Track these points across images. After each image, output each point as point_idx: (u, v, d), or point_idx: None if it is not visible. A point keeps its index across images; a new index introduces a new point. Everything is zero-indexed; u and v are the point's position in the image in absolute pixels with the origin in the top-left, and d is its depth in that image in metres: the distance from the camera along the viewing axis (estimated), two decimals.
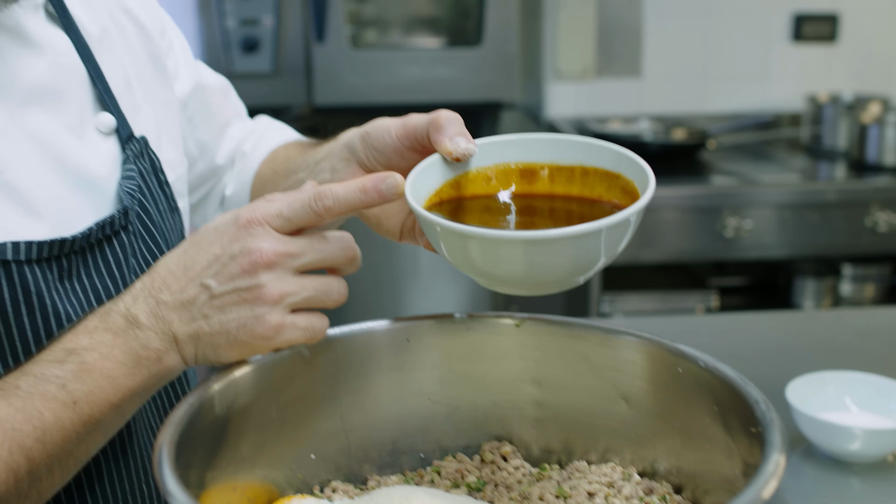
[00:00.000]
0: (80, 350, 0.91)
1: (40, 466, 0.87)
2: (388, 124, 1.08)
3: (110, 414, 0.92)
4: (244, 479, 0.97)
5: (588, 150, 1.01)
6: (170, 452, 0.81)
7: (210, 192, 1.50)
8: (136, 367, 0.92)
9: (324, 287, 0.95)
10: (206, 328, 0.93)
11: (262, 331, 0.92)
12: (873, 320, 2.24)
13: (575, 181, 1.02)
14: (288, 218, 0.93)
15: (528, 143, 1.04)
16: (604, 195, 1.00)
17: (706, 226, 3.35)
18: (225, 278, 0.92)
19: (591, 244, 0.88)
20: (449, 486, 1.05)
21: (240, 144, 1.49)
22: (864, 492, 1.46)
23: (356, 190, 0.94)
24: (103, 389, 0.91)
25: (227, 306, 0.92)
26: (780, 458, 0.78)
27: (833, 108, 3.82)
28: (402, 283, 3.47)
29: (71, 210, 1.04)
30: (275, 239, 0.92)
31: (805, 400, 1.56)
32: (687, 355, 0.97)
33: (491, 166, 1.03)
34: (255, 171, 1.45)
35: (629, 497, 1.00)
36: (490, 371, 1.09)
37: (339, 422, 1.06)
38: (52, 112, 1.05)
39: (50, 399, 0.88)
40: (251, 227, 0.92)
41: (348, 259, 0.97)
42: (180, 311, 0.93)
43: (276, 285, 0.91)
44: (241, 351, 0.94)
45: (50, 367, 0.90)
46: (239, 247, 0.92)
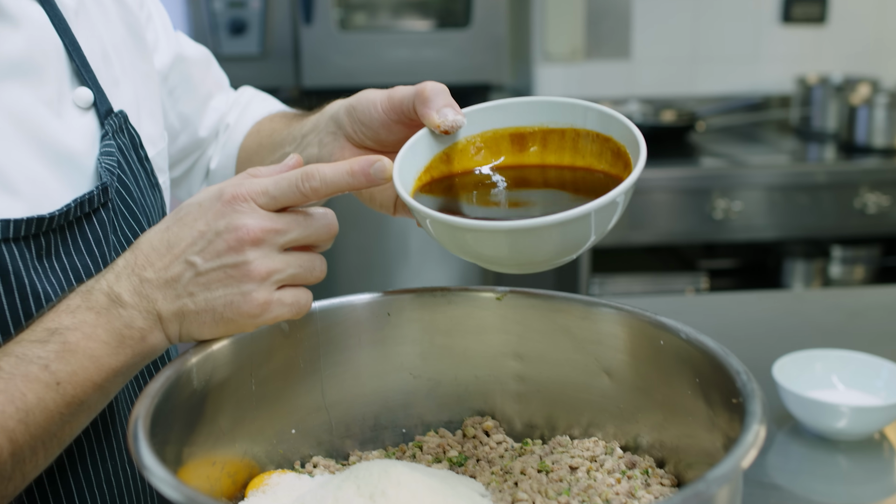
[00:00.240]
0: (62, 330, 0.89)
1: (23, 448, 0.86)
2: (374, 98, 1.06)
3: (94, 394, 0.91)
4: (223, 454, 0.96)
5: (578, 111, 1.00)
6: (145, 426, 0.80)
7: (194, 165, 1.48)
8: (119, 346, 0.91)
9: (307, 264, 0.94)
10: (192, 306, 0.92)
11: (249, 308, 0.91)
12: (862, 300, 2.24)
13: (566, 146, 1.01)
14: (274, 196, 0.92)
15: (517, 108, 1.02)
16: (594, 164, 0.99)
17: (695, 208, 3.35)
18: (211, 255, 0.91)
19: (580, 227, 0.87)
20: (431, 461, 1.04)
21: (223, 116, 1.47)
22: (850, 469, 1.46)
23: (344, 173, 0.93)
24: (87, 369, 0.89)
25: (212, 284, 0.91)
26: (760, 428, 0.77)
27: (822, 90, 3.82)
28: (392, 265, 3.46)
29: (48, 187, 1.02)
30: (260, 216, 0.91)
31: (792, 378, 1.56)
32: (668, 327, 0.97)
33: (480, 134, 1.02)
34: (240, 144, 1.44)
35: (611, 471, 0.99)
36: (472, 345, 1.08)
37: (320, 396, 1.06)
38: (29, 87, 1.03)
39: (32, 380, 0.86)
40: (236, 203, 0.91)
41: (330, 236, 0.96)
42: (164, 288, 0.92)
43: (263, 262, 0.90)
44: (227, 328, 0.93)
45: (32, 347, 0.88)
46: (225, 223, 0.90)
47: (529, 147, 1.02)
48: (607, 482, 0.96)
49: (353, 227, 3.39)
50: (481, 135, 1.02)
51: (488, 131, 1.02)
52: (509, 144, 1.03)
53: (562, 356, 1.06)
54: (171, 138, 1.40)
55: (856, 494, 1.40)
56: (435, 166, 1.00)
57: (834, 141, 3.75)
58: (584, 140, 0.99)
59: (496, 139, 1.02)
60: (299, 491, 0.95)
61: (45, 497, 1.02)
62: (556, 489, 0.94)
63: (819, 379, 1.60)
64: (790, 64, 4.08)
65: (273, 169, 0.95)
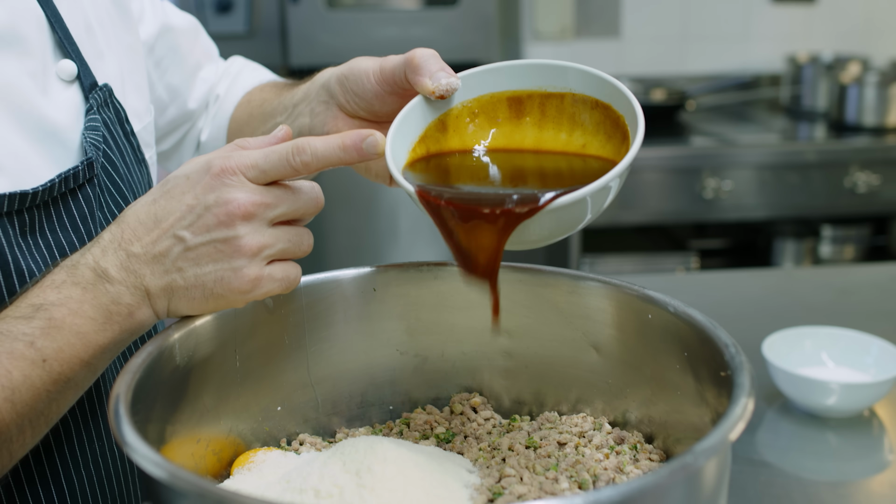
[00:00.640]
0: (48, 306, 0.87)
1: (10, 427, 0.85)
2: (367, 68, 1.05)
3: (81, 371, 0.89)
4: (208, 432, 0.96)
5: (578, 76, 0.97)
6: (126, 402, 0.79)
7: (184, 137, 1.46)
8: (106, 322, 0.89)
9: (296, 238, 0.93)
10: (181, 282, 0.90)
11: (240, 284, 0.90)
12: (852, 278, 2.24)
13: (564, 114, 0.99)
14: (264, 170, 0.90)
15: (514, 70, 1.00)
16: (592, 138, 0.96)
17: (686, 187, 3.34)
18: (200, 230, 0.89)
19: (574, 210, 0.86)
20: (418, 438, 1.03)
21: (213, 87, 1.45)
22: (840, 446, 1.46)
23: (336, 147, 0.91)
24: (73, 346, 0.88)
25: (202, 259, 0.89)
26: (748, 401, 0.77)
27: (812, 69, 3.81)
28: (381, 246, 3.45)
29: (31, 162, 1.00)
30: (250, 189, 0.89)
31: (782, 355, 1.55)
32: (656, 301, 0.96)
33: (476, 98, 1.00)
34: (231, 115, 1.42)
35: (600, 447, 0.99)
36: (459, 321, 1.07)
37: (306, 373, 1.05)
38: (12, 59, 1.01)
39: (18, 357, 0.85)
40: (226, 176, 0.89)
41: (317, 209, 0.94)
42: (152, 264, 0.90)
43: (254, 237, 0.89)
44: (217, 304, 0.92)
45: (17, 323, 0.86)
46: (214, 197, 0.89)
47: (527, 113, 1.00)
48: (595, 458, 0.96)
49: (341, 207, 3.38)
50: (477, 99, 1.00)
51: (485, 95, 1.00)
52: (507, 109, 1.01)
53: (549, 331, 1.05)
54: (160, 111, 1.38)
55: (845, 471, 1.40)
56: (430, 135, 0.99)
57: (824, 120, 3.75)
58: (582, 107, 0.97)
59: (493, 103, 1.00)
60: (285, 468, 0.95)
61: (32, 478, 1.01)
62: (544, 465, 0.94)
63: (809, 356, 1.59)
64: (780, 43, 4.07)
65: (261, 141, 0.94)
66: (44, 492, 1.01)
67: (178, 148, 1.47)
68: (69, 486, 1.03)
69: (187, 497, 0.70)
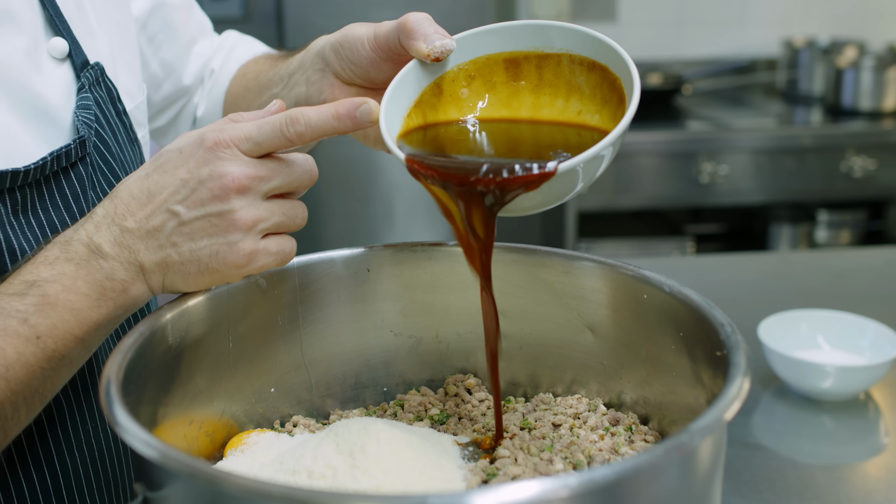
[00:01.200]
0: (41, 282, 0.87)
1: (4, 404, 0.84)
2: (361, 35, 1.03)
3: (75, 348, 0.88)
4: (201, 413, 0.95)
5: (574, 37, 0.96)
6: (118, 383, 0.78)
7: (180, 113, 1.45)
8: (100, 298, 0.89)
9: (290, 211, 0.92)
10: (176, 257, 0.89)
11: (236, 259, 0.89)
12: (847, 262, 2.24)
13: (562, 76, 0.97)
14: (258, 142, 0.89)
15: (510, 31, 0.98)
16: (589, 103, 0.95)
17: (682, 171, 3.33)
18: (194, 204, 0.88)
19: (567, 180, 0.85)
20: (412, 420, 1.03)
21: (207, 62, 1.44)
22: (835, 430, 1.46)
23: (329, 116, 0.90)
24: (67, 323, 0.87)
25: (197, 233, 0.88)
26: (743, 380, 0.76)
27: (809, 53, 3.80)
28: (377, 230, 3.44)
29: (22, 140, 0.99)
30: (244, 163, 0.88)
31: (777, 338, 1.55)
32: (651, 281, 0.95)
33: (472, 60, 0.99)
34: (226, 89, 1.41)
35: (595, 428, 0.98)
36: (453, 302, 1.07)
37: (300, 354, 1.04)
38: (3, 36, 1.00)
39: (11, 334, 0.84)
40: (219, 149, 0.88)
41: (311, 182, 0.93)
42: (147, 239, 0.89)
43: (249, 211, 0.88)
44: (213, 279, 0.91)
45: (10, 300, 0.86)
46: (208, 171, 0.88)
47: (524, 76, 0.99)
48: (590, 439, 0.95)
49: (337, 192, 3.37)
50: (473, 61, 0.99)
51: (481, 57, 0.99)
52: (503, 71, 0.99)
53: (544, 312, 1.04)
54: (155, 87, 1.37)
55: (841, 454, 1.40)
56: (426, 100, 0.98)
57: (820, 104, 3.74)
58: (579, 69, 0.96)
59: (489, 65, 0.99)
60: (278, 450, 0.94)
61: (24, 459, 1.00)
62: (539, 446, 0.93)
63: (804, 339, 1.59)
64: (777, 27, 4.06)
65: (255, 114, 0.93)
66: (37, 473, 1.01)
67: (175, 123, 1.46)
68: (62, 467, 1.03)
69: (179, 477, 0.70)
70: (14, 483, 1.00)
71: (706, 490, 0.77)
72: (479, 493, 0.63)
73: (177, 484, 0.71)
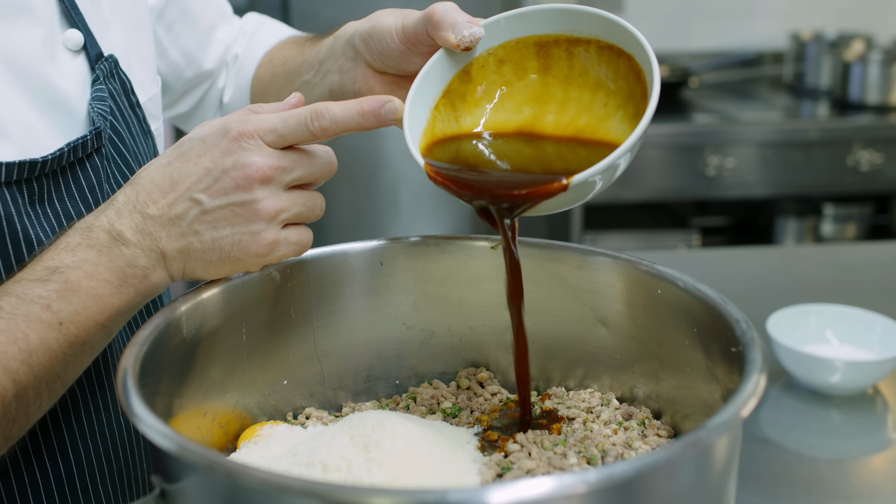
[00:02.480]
0: (63, 269, 0.87)
1: (28, 390, 0.85)
2: (390, 27, 1.03)
3: (97, 334, 0.89)
4: (215, 405, 0.95)
5: (603, 23, 0.94)
6: (134, 374, 0.79)
7: (204, 97, 1.44)
8: (122, 285, 0.89)
9: (310, 202, 0.93)
10: (198, 245, 0.90)
11: (258, 248, 0.90)
12: (855, 256, 2.24)
13: (591, 61, 0.95)
14: (282, 135, 0.90)
15: (539, 15, 0.97)
16: (612, 100, 0.94)
17: (688, 164, 3.33)
18: (217, 193, 0.89)
19: (582, 190, 0.86)
20: (424, 413, 1.03)
21: (229, 47, 1.43)
22: (843, 424, 1.46)
23: (354, 113, 0.91)
24: (89, 309, 0.87)
25: (219, 222, 0.89)
26: (760, 377, 0.76)
27: (816, 46, 3.79)
28: (383, 221, 3.44)
29: (39, 131, 1.00)
30: (268, 153, 0.89)
31: (786, 333, 1.55)
32: (666, 276, 0.95)
33: (501, 45, 0.98)
34: (253, 75, 1.40)
35: (608, 422, 0.98)
36: (466, 295, 1.07)
37: (312, 347, 1.04)
38: (19, 27, 1.00)
39: (35, 320, 0.85)
40: (243, 140, 0.89)
41: (331, 174, 0.94)
42: (168, 226, 0.90)
43: (271, 201, 0.89)
44: (233, 267, 0.92)
45: (33, 286, 0.86)
46: (232, 160, 0.89)
47: (554, 61, 0.97)
48: (604, 433, 0.95)
49: (342, 183, 3.37)
50: (503, 45, 0.98)
51: (511, 41, 0.98)
52: (534, 56, 0.98)
53: (557, 306, 1.04)
54: (177, 74, 1.37)
55: (849, 449, 1.40)
56: (454, 88, 0.98)
57: (827, 98, 3.73)
58: (608, 55, 0.94)
59: (519, 49, 0.98)
60: (292, 442, 0.94)
61: (39, 449, 1.01)
62: (553, 440, 0.93)
63: (813, 334, 1.59)
64: (784, 20, 4.05)
65: (275, 106, 0.94)
66: (50, 462, 1.01)
67: (199, 108, 1.45)
68: (76, 457, 1.03)
69: (196, 469, 0.70)
70: (28, 473, 1.00)
71: (721, 487, 0.77)
72: (498, 488, 0.63)
73: (194, 476, 0.71)
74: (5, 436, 0.85)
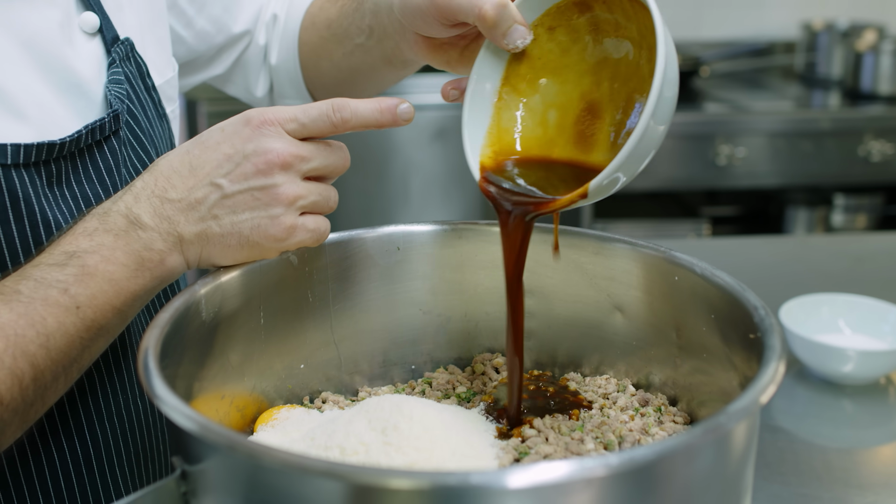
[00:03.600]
0: (80, 253, 0.88)
1: (45, 373, 0.85)
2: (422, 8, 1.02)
3: (113, 318, 0.90)
4: (232, 388, 0.96)
5: None
6: (156, 355, 0.79)
7: (242, 56, 1.42)
8: (139, 269, 0.90)
9: (325, 192, 0.94)
10: (217, 229, 0.91)
11: (276, 232, 0.91)
12: (867, 246, 2.23)
13: (627, 14, 0.93)
14: (304, 124, 0.92)
15: None
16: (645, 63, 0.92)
17: (699, 153, 3.32)
18: (238, 178, 0.90)
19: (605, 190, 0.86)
20: (440, 398, 1.03)
21: (262, 8, 1.41)
22: (855, 414, 1.46)
23: (374, 109, 0.93)
24: (106, 293, 0.88)
25: (239, 206, 0.91)
26: (779, 363, 0.76)
27: (828, 36, 3.78)
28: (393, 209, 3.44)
29: (56, 114, 1.00)
30: (288, 141, 0.91)
31: (798, 322, 1.55)
32: (683, 263, 0.96)
33: (544, 13, 0.96)
34: (298, 38, 1.39)
35: (624, 408, 0.99)
36: (482, 281, 1.07)
37: (329, 331, 1.04)
38: (38, 9, 1.00)
39: (52, 304, 0.85)
40: (264, 126, 0.91)
41: (345, 168, 0.96)
42: (188, 211, 0.91)
43: (290, 187, 0.91)
44: (251, 253, 0.93)
45: (50, 270, 0.87)
46: (253, 146, 0.90)
47: (597, 14, 0.95)
48: (620, 419, 0.95)
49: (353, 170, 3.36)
50: (546, 13, 0.96)
51: (551, 7, 0.96)
52: (577, 13, 0.95)
53: (574, 292, 1.05)
54: (207, 41, 1.36)
55: (861, 438, 1.40)
56: (512, 71, 0.97)
57: (839, 87, 3.72)
58: (641, 9, 0.90)
59: (560, 11, 0.96)
60: (309, 426, 0.95)
61: (56, 430, 1.01)
62: (570, 426, 0.94)
63: (826, 323, 1.59)
64: (795, 9, 4.04)
65: None
66: (68, 444, 1.02)
67: (239, 68, 1.44)
68: (93, 439, 1.04)
69: (218, 450, 0.70)
70: (46, 453, 1.01)
71: (739, 474, 0.77)
72: (520, 470, 0.63)
73: (216, 457, 0.71)
74: (22, 419, 0.86)
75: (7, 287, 0.86)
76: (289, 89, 1.41)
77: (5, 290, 0.86)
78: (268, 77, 1.43)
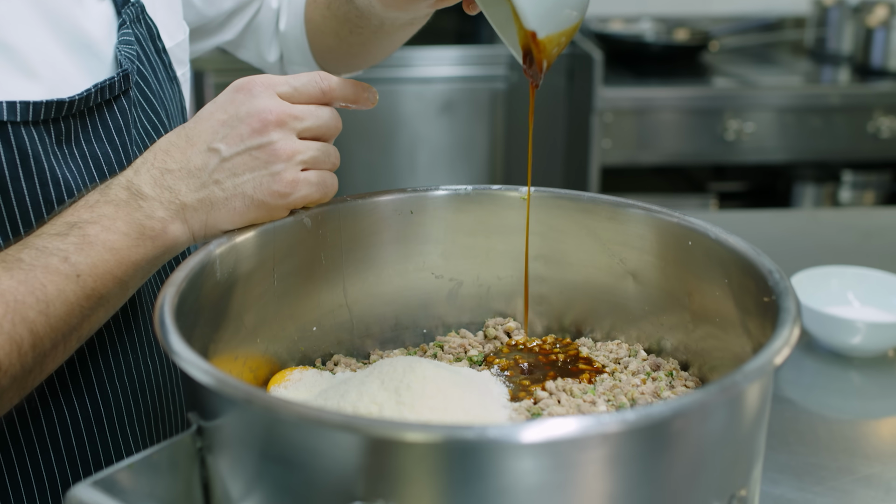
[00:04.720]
0: (81, 223, 0.89)
1: (44, 340, 0.85)
2: None
3: (114, 287, 0.90)
4: (245, 350, 0.96)
5: None
6: (171, 312, 0.79)
7: (253, 21, 1.44)
8: (139, 238, 0.91)
9: (324, 148, 0.96)
10: (220, 193, 0.92)
11: (280, 187, 0.92)
12: (876, 220, 2.23)
13: None
14: (295, 87, 0.94)
15: None
16: None
17: (707, 128, 3.32)
18: (235, 140, 0.92)
19: None
20: (452, 361, 1.03)
21: None
22: (863, 386, 1.46)
23: (351, 84, 0.98)
24: (107, 262, 0.89)
25: (239, 168, 0.92)
26: (794, 326, 0.77)
27: (838, 11, 3.76)
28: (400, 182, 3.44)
29: (67, 72, 1.00)
30: (280, 101, 0.93)
31: (808, 294, 1.55)
32: (697, 228, 0.96)
33: None
34: (304, 12, 1.41)
35: (636, 372, 0.99)
36: (495, 245, 1.07)
37: (342, 294, 1.05)
38: None
39: (53, 272, 0.86)
40: (255, 88, 0.93)
41: (337, 131, 0.98)
42: (188, 178, 0.92)
43: (288, 143, 0.92)
44: (258, 214, 0.94)
45: (52, 240, 0.88)
46: (246, 109, 0.92)
47: None
48: (632, 382, 0.96)
49: (359, 142, 3.37)
50: None
51: None
52: None
53: (587, 257, 1.05)
54: (216, 7, 1.37)
55: (868, 410, 1.41)
56: None
57: (849, 63, 3.70)
58: None
59: None
60: (321, 387, 0.95)
61: (66, 386, 1.01)
62: (582, 389, 0.94)
63: (835, 295, 1.59)
64: None
65: None
66: (78, 401, 1.02)
67: (251, 32, 1.45)
68: (103, 398, 1.04)
69: (235, 404, 0.71)
70: (56, 410, 1.01)
71: (752, 436, 0.78)
72: (536, 424, 0.63)
73: (232, 412, 0.71)
74: (20, 386, 0.86)
75: (9, 255, 0.87)
76: (296, 55, 1.43)
77: (7, 258, 0.87)
78: (276, 42, 1.44)
